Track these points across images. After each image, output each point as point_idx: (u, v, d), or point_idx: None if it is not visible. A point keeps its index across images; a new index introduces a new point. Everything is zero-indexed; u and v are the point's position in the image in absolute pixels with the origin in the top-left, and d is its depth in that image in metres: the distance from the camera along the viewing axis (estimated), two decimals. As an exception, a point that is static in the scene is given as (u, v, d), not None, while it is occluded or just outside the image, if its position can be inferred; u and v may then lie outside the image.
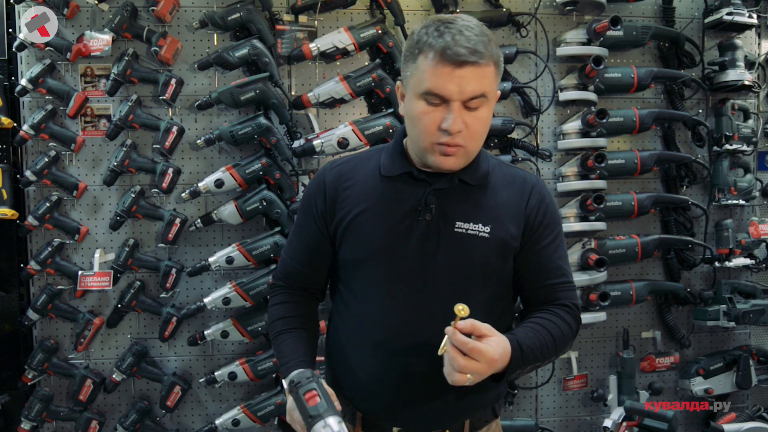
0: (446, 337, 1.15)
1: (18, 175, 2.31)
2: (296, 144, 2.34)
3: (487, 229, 1.31)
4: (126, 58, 2.28)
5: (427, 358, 1.24)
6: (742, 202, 2.63)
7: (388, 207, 1.33)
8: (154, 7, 2.25)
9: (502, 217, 1.33)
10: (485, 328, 1.16)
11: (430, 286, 1.31)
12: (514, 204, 1.34)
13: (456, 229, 1.30)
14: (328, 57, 2.37)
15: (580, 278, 2.48)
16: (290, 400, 1.26)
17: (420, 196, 1.31)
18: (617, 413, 2.23)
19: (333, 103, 2.37)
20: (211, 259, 2.31)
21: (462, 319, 1.14)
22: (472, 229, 1.30)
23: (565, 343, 1.33)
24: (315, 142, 2.31)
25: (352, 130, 2.31)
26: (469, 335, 1.15)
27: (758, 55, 2.73)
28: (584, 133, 2.51)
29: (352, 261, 1.37)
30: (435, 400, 1.32)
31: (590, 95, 2.51)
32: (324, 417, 1.17)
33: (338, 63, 2.46)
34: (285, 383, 1.31)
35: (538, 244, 1.34)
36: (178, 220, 2.32)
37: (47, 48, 2.25)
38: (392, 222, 1.32)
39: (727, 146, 2.60)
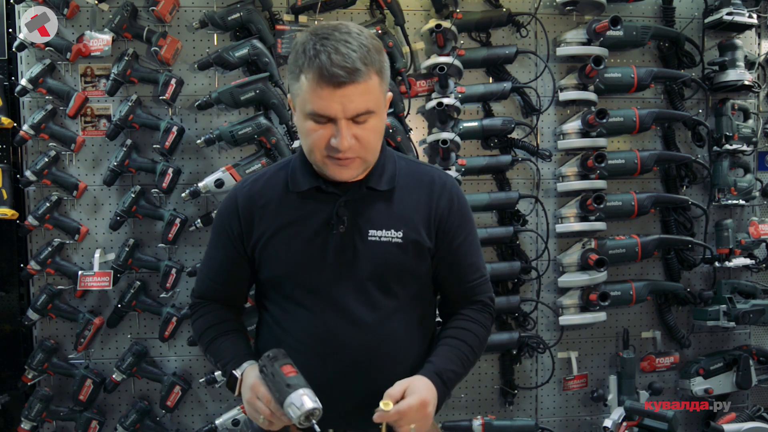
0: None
1: (18, 175, 2.31)
2: (296, 144, 2.34)
3: (400, 234, 1.34)
4: (126, 58, 2.27)
5: (355, 363, 1.32)
6: (742, 202, 2.63)
7: (302, 223, 1.35)
8: (154, 7, 2.25)
9: (413, 220, 1.36)
10: (397, 390, 1.23)
11: (352, 295, 1.33)
12: (423, 206, 1.37)
13: (370, 238, 1.33)
14: (328, 57, 2.37)
15: (580, 278, 2.48)
16: (253, 377, 1.26)
17: (331, 209, 1.33)
18: (617, 413, 2.23)
19: (333, 103, 2.36)
20: (211, 259, 2.31)
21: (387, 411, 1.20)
22: (384, 236, 1.33)
23: (483, 346, 1.43)
24: (315, 142, 2.31)
25: (352, 130, 2.31)
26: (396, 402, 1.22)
27: (758, 55, 2.73)
28: (584, 133, 2.51)
29: (273, 279, 1.39)
30: (365, 401, 1.30)
31: (590, 95, 2.50)
32: (303, 387, 1.18)
33: (338, 63, 2.46)
34: (239, 372, 1.32)
35: (452, 243, 1.40)
36: (178, 220, 2.32)
37: (47, 48, 2.25)
38: (307, 237, 1.34)
39: (727, 146, 2.60)
